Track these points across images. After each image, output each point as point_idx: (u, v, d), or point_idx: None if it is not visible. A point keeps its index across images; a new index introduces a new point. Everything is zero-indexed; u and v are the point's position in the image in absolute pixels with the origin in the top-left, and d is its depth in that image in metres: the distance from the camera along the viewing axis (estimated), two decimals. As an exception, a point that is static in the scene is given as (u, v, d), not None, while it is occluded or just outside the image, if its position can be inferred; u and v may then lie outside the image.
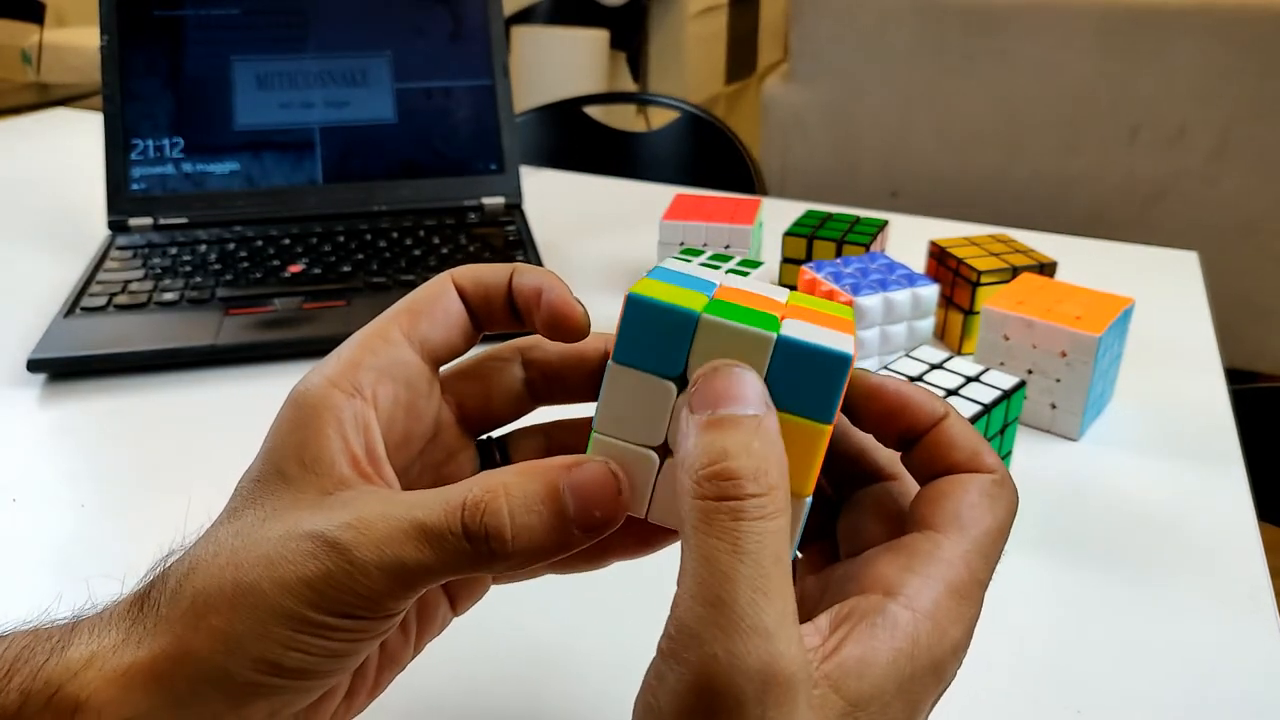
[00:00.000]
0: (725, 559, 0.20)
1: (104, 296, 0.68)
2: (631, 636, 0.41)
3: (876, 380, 0.26)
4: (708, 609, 0.20)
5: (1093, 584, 0.44)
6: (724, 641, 0.19)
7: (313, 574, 0.22)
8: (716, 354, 0.23)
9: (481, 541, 0.22)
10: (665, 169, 1.32)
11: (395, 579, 0.22)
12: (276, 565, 0.22)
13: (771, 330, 0.23)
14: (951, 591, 0.22)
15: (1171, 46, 1.71)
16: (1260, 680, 0.39)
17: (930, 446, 0.25)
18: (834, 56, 1.94)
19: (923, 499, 0.25)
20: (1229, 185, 1.77)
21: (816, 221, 0.73)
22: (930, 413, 0.25)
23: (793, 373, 0.23)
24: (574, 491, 0.23)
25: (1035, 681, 0.39)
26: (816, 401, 0.23)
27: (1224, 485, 0.52)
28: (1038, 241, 0.83)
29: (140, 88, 0.80)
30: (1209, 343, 0.68)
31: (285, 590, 0.22)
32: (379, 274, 0.72)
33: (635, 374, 0.24)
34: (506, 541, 0.22)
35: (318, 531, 0.22)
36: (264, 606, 0.22)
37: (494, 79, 0.85)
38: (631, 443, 0.24)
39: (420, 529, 0.22)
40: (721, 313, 0.23)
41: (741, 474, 0.21)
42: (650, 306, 0.24)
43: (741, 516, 0.20)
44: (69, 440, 0.56)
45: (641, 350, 0.24)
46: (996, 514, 0.24)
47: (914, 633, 0.22)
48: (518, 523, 0.22)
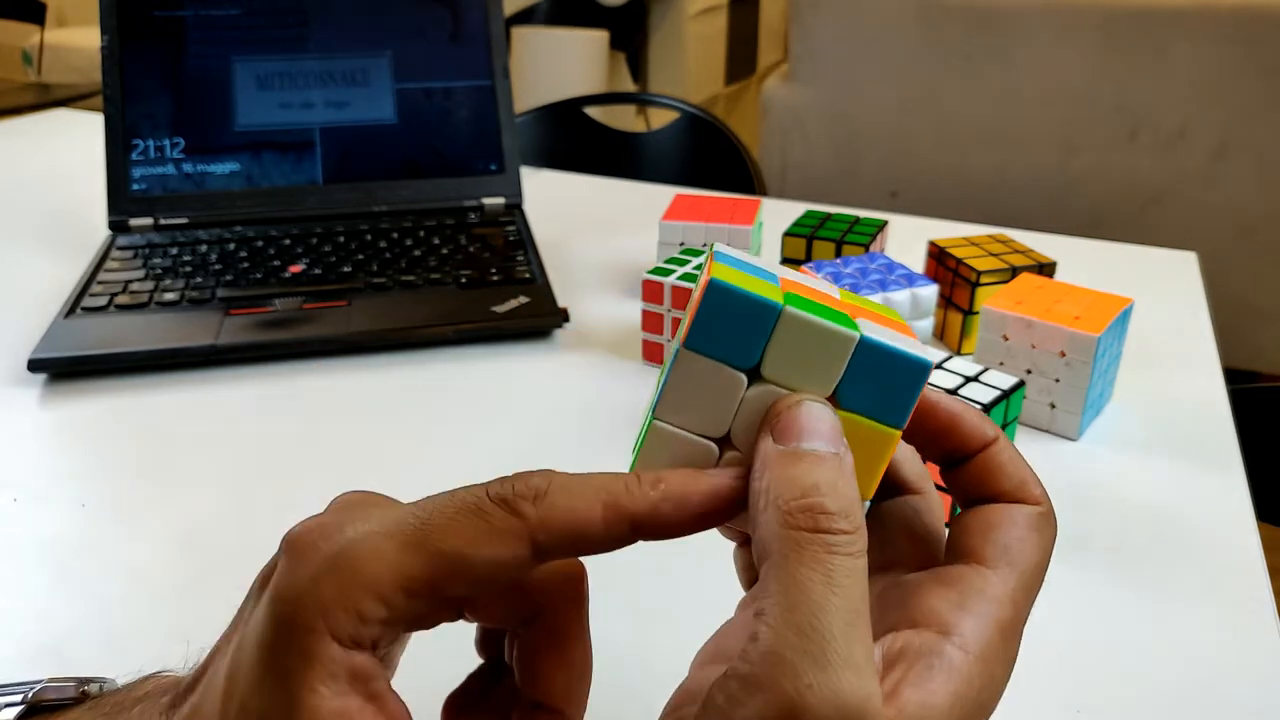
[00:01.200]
0: (819, 589, 0.20)
1: (105, 297, 0.68)
2: (637, 634, 0.41)
3: (932, 397, 0.25)
4: (799, 637, 0.19)
5: (1092, 584, 0.45)
6: (818, 673, 0.19)
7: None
8: (795, 348, 0.23)
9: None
10: (665, 169, 1.32)
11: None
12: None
13: (854, 330, 0.23)
14: (1000, 631, 0.22)
15: (1171, 48, 1.72)
16: (1260, 680, 0.39)
17: (978, 471, 0.25)
18: (834, 57, 1.94)
19: (968, 529, 0.24)
20: (1228, 186, 1.77)
21: (816, 222, 0.73)
22: (980, 436, 0.25)
23: (871, 375, 0.23)
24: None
25: (1035, 681, 0.39)
26: (891, 406, 0.23)
27: (1223, 485, 0.52)
28: (1037, 242, 0.83)
29: (141, 88, 0.80)
30: (1208, 343, 0.68)
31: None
32: (379, 274, 0.72)
33: (706, 362, 0.23)
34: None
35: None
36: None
37: (494, 79, 0.85)
38: (693, 433, 0.24)
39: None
40: (801, 306, 0.23)
41: (833, 509, 0.21)
42: (734, 294, 0.22)
43: (835, 551, 0.20)
44: (69, 440, 0.56)
45: (717, 338, 0.23)
46: (1042, 549, 0.24)
47: (969, 675, 0.21)
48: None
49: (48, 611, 0.43)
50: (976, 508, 0.25)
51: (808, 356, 0.23)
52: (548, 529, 0.21)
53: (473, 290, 0.71)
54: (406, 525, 0.21)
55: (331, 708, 0.21)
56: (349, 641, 0.21)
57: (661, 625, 0.41)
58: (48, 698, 0.26)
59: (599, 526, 0.22)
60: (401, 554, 0.21)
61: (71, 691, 0.26)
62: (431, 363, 0.64)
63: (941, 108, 1.89)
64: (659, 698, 0.26)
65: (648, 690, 0.30)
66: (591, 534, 0.22)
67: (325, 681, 0.21)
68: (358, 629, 0.21)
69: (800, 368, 0.23)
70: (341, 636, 0.21)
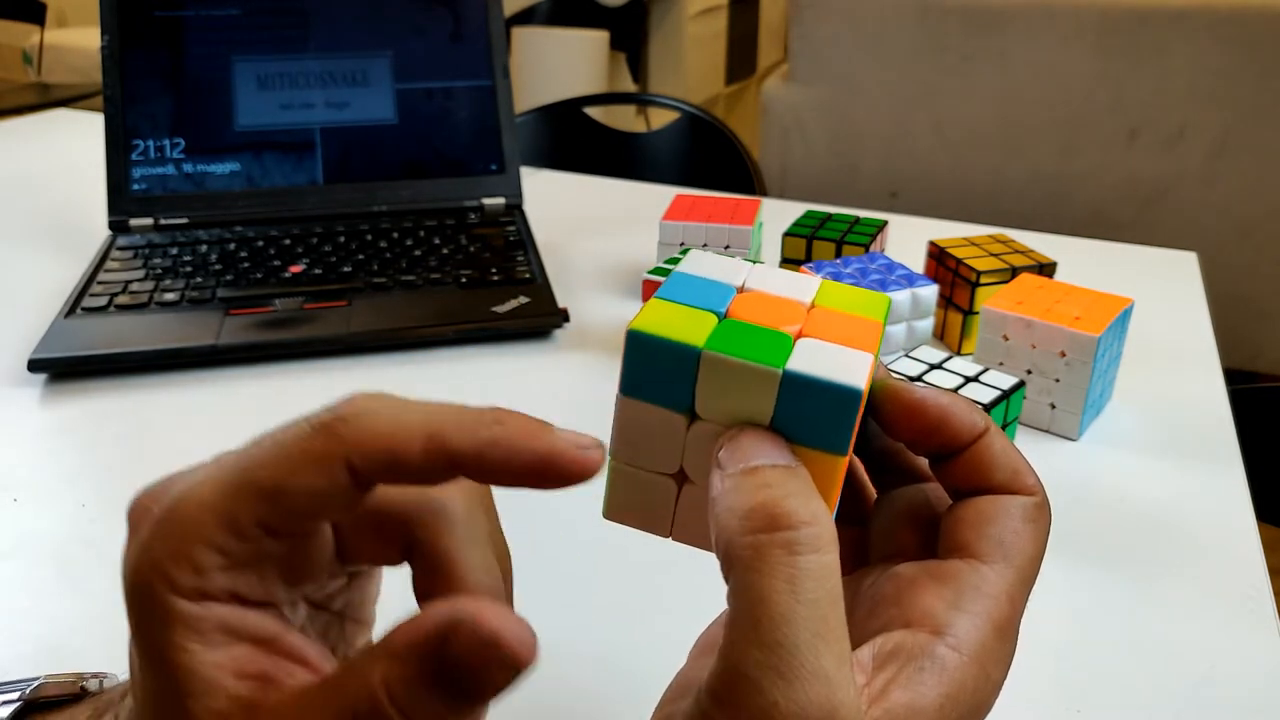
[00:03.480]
0: (783, 600, 0.19)
1: (105, 297, 0.68)
2: (625, 636, 0.41)
3: (919, 395, 0.24)
4: (765, 653, 0.19)
5: (1092, 584, 0.45)
6: (784, 689, 0.18)
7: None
8: (721, 387, 0.22)
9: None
10: (665, 169, 1.32)
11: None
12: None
13: (776, 365, 0.22)
14: (996, 630, 0.22)
15: (1170, 48, 1.72)
16: (1259, 679, 0.39)
17: (969, 464, 0.24)
18: (834, 57, 1.94)
19: (962, 521, 0.24)
20: (1228, 186, 1.77)
21: (816, 222, 0.73)
22: (970, 428, 0.24)
23: (802, 405, 0.22)
24: (464, 670, 0.19)
25: (1034, 681, 0.39)
26: (829, 433, 0.22)
27: (1223, 485, 0.52)
28: (1037, 242, 0.83)
29: (141, 88, 0.80)
30: (1208, 343, 0.68)
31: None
32: (380, 274, 0.72)
33: (644, 406, 0.23)
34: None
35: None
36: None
37: (494, 79, 0.85)
38: (648, 470, 0.24)
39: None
40: (725, 343, 0.22)
41: (788, 504, 0.20)
42: (649, 342, 0.23)
43: (797, 549, 0.19)
44: (70, 440, 0.56)
45: (647, 384, 0.23)
46: (1038, 540, 0.24)
47: (961, 677, 0.21)
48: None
49: (48, 611, 0.43)
50: (969, 500, 0.24)
51: (734, 394, 0.22)
52: (362, 453, 0.20)
53: (473, 290, 0.71)
54: (227, 468, 0.21)
55: (210, 659, 0.20)
56: (196, 596, 0.20)
57: (659, 614, 0.41)
58: (47, 694, 0.26)
59: (417, 456, 0.20)
60: (222, 497, 0.20)
61: (70, 687, 0.26)
62: (432, 363, 0.64)
63: (941, 108, 1.89)
64: (655, 688, 0.26)
65: (645, 679, 0.30)
66: (409, 462, 0.20)
67: (191, 638, 0.20)
68: (199, 581, 0.20)
69: (731, 405, 0.23)
70: (186, 592, 0.20)
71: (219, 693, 0.20)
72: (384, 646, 0.19)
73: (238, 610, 0.20)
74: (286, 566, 0.22)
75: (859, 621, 0.23)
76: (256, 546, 0.20)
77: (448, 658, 0.18)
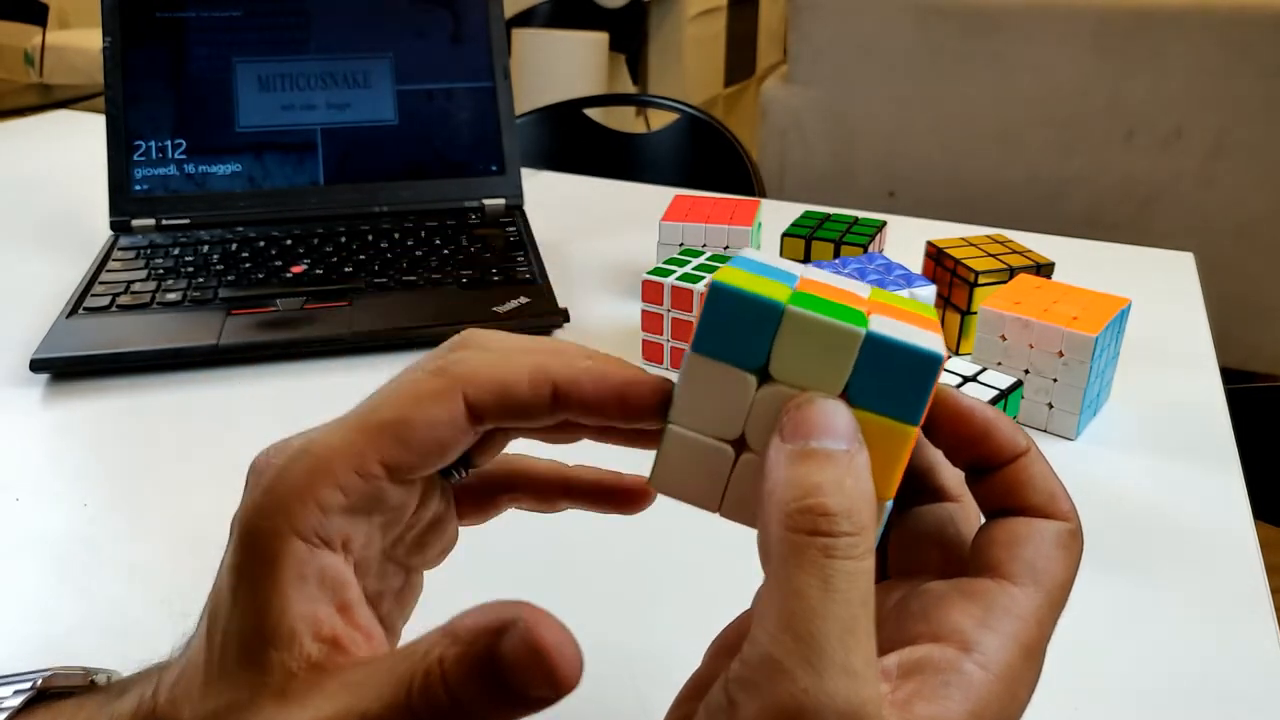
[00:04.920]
0: (815, 594, 0.19)
1: (107, 297, 0.69)
2: (643, 633, 0.41)
3: (967, 403, 0.25)
4: (796, 643, 0.19)
5: (1089, 583, 0.45)
6: (812, 678, 0.19)
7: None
8: (801, 347, 0.22)
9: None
10: (665, 170, 1.32)
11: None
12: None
13: (860, 325, 0.22)
14: (1023, 651, 0.22)
15: (1167, 48, 1.72)
16: (1257, 679, 0.39)
17: (1007, 481, 0.24)
18: (832, 59, 1.95)
19: (994, 541, 0.24)
20: (1225, 186, 1.78)
21: (815, 222, 0.73)
22: (1012, 446, 0.24)
23: (881, 371, 0.22)
24: (509, 670, 0.19)
25: (1032, 677, 0.39)
26: (904, 402, 0.22)
27: (1220, 484, 0.52)
28: (1035, 242, 0.83)
29: (143, 89, 0.80)
30: (1205, 343, 0.68)
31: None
32: (381, 274, 0.72)
33: (714, 365, 0.23)
34: (449, 718, 0.20)
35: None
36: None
37: (495, 81, 0.86)
38: (708, 435, 0.24)
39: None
40: (807, 305, 0.22)
41: (835, 511, 0.20)
42: (734, 296, 0.22)
43: (833, 554, 0.20)
44: (71, 440, 0.56)
45: (722, 341, 0.23)
46: (1069, 567, 0.24)
47: (986, 695, 0.21)
48: (461, 706, 0.19)
49: (50, 611, 0.43)
50: (1003, 519, 0.24)
51: (814, 354, 0.22)
52: (476, 384, 0.23)
53: (474, 290, 0.71)
54: (350, 417, 0.23)
55: (300, 611, 0.21)
56: (313, 537, 0.21)
57: (676, 616, 0.42)
58: (57, 684, 0.26)
59: (525, 385, 0.23)
60: (349, 438, 0.22)
61: (80, 680, 0.27)
62: (432, 363, 0.64)
63: (939, 109, 1.89)
64: (669, 689, 0.26)
65: (659, 680, 0.30)
66: (518, 392, 0.23)
67: (293, 584, 0.21)
68: (320, 521, 0.21)
69: (808, 366, 0.23)
70: (304, 531, 0.21)
71: (297, 648, 0.21)
72: (449, 628, 0.20)
73: (339, 562, 0.22)
74: (394, 522, 0.24)
75: (887, 635, 0.23)
76: (376, 490, 0.22)
77: (498, 653, 0.19)
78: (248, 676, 0.21)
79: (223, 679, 0.21)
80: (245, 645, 0.21)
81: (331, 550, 0.22)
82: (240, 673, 0.21)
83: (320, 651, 0.21)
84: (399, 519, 0.25)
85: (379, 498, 0.23)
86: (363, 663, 0.21)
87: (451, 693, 0.19)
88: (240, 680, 0.21)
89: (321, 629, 0.21)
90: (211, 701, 0.21)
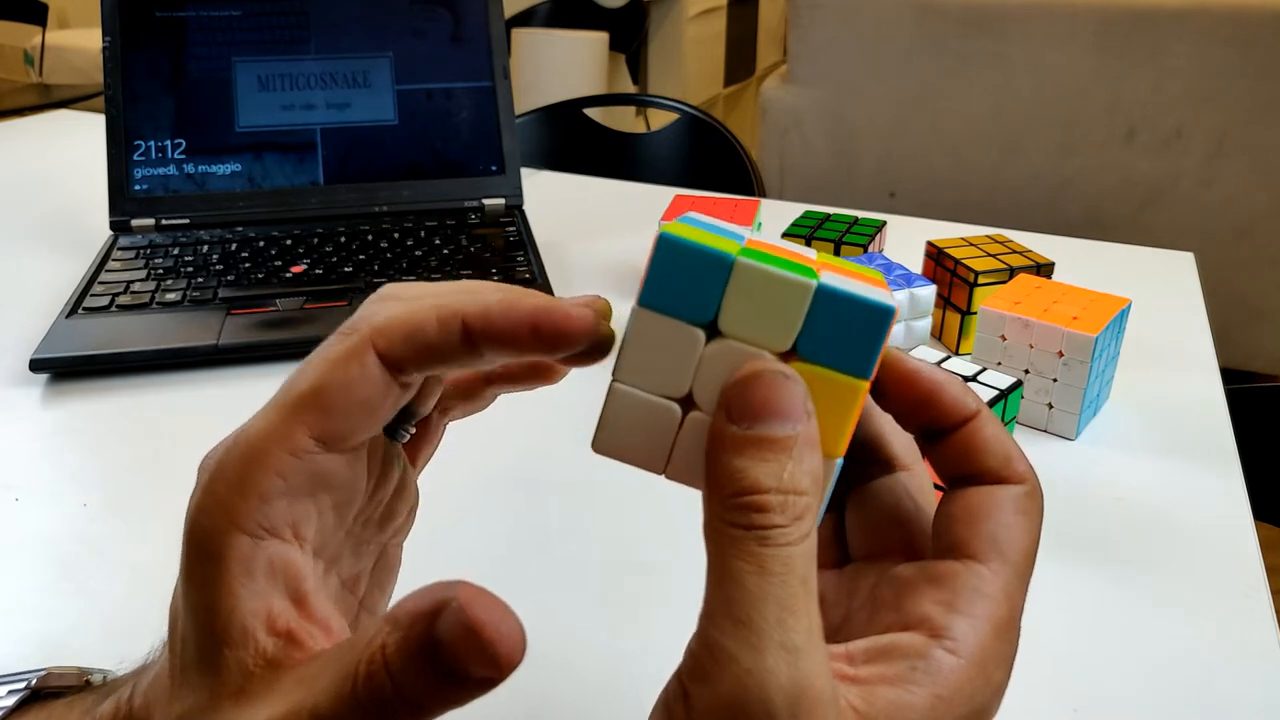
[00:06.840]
0: (752, 580, 0.20)
1: (107, 297, 0.69)
2: (629, 635, 0.41)
3: (913, 364, 0.24)
4: (735, 627, 0.19)
5: (1089, 583, 0.45)
6: (754, 658, 0.19)
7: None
8: (750, 300, 0.22)
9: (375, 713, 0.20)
10: (664, 170, 1.32)
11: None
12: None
13: (810, 278, 0.22)
14: (995, 630, 0.22)
15: (1168, 48, 1.72)
16: (1257, 678, 0.39)
17: (960, 446, 0.24)
18: (832, 58, 1.95)
19: (954, 518, 0.24)
20: (1225, 186, 1.78)
21: (815, 222, 0.73)
22: (961, 407, 0.24)
23: (832, 324, 0.22)
24: (447, 651, 0.19)
25: (1031, 681, 0.39)
26: (855, 356, 0.22)
27: (1220, 484, 0.52)
28: (1035, 242, 0.83)
29: (142, 89, 0.80)
30: (1205, 343, 0.68)
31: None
32: (381, 274, 0.72)
33: (661, 319, 0.22)
34: (395, 707, 0.19)
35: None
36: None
37: (494, 81, 0.86)
38: (653, 394, 0.23)
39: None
40: (758, 258, 0.22)
41: (772, 506, 0.20)
42: (683, 247, 0.22)
43: (768, 543, 0.20)
44: (71, 440, 0.56)
45: (670, 294, 0.22)
46: (1031, 531, 0.24)
47: (956, 680, 0.21)
48: (405, 693, 0.19)
49: (49, 610, 0.43)
50: (959, 492, 0.24)
51: (764, 308, 0.22)
52: (386, 334, 0.22)
53: (473, 290, 0.71)
54: (273, 399, 0.23)
55: (250, 608, 0.21)
56: (257, 529, 0.21)
57: (677, 616, 0.42)
58: (51, 684, 0.26)
59: (433, 326, 0.22)
60: (273, 419, 0.22)
61: (75, 679, 0.27)
62: (432, 363, 0.64)
63: (939, 108, 1.89)
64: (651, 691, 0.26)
65: (660, 681, 0.30)
66: (427, 333, 0.22)
67: (240, 580, 0.21)
68: (262, 511, 0.21)
69: (758, 320, 0.22)
70: (246, 524, 0.21)
71: (251, 645, 0.20)
72: (391, 614, 0.20)
73: (291, 551, 0.22)
74: (349, 500, 0.24)
75: (859, 625, 0.23)
76: (314, 466, 0.22)
77: (435, 636, 0.18)
78: (206, 679, 0.21)
79: (185, 683, 0.21)
80: (201, 647, 0.21)
81: (280, 539, 0.21)
82: (199, 676, 0.21)
83: (276, 646, 0.21)
84: (353, 496, 0.24)
85: (321, 474, 0.22)
86: (317, 656, 0.21)
87: (395, 680, 0.19)
88: (199, 683, 0.21)
89: (276, 623, 0.21)
90: (177, 705, 0.21)
